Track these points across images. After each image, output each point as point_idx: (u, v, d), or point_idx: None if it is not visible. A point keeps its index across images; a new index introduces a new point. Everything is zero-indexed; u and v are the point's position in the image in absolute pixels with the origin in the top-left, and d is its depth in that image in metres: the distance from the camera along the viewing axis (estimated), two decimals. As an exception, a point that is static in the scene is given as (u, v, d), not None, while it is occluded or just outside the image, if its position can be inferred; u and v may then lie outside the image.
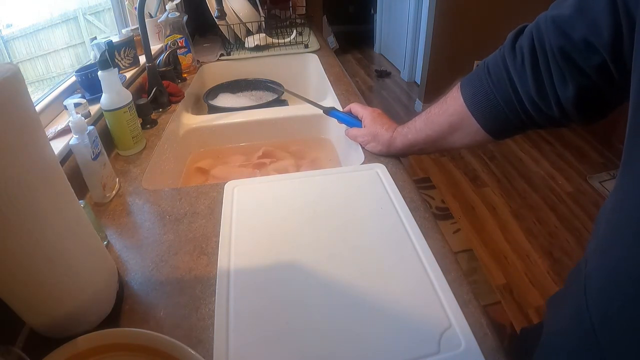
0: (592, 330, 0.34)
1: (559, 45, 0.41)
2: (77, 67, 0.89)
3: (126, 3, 1.23)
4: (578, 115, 0.44)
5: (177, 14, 1.17)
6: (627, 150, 0.33)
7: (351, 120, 0.79)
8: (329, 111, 0.84)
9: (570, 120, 0.46)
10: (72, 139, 0.61)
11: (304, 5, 1.81)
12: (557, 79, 0.43)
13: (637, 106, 0.31)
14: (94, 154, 0.62)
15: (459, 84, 0.57)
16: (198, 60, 1.33)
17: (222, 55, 1.37)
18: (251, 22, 1.40)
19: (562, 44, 0.40)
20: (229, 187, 0.66)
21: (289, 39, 1.45)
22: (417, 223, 0.56)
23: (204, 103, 1.11)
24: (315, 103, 0.90)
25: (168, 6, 1.19)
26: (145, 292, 0.49)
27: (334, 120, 0.85)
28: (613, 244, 0.35)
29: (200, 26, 1.63)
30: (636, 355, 0.31)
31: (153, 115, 0.92)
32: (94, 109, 0.81)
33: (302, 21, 1.65)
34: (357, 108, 0.79)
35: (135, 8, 1.07)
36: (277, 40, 1.43)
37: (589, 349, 0.35)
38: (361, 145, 0.76)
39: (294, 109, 1.01)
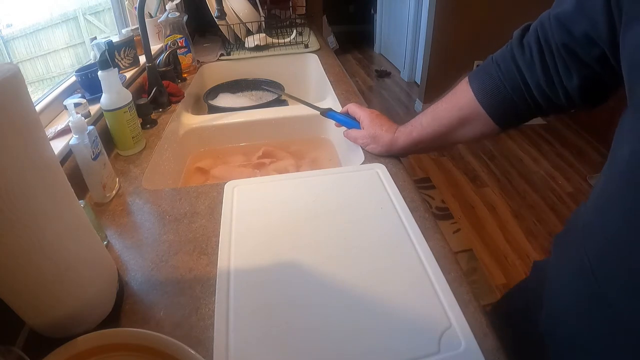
0: (589, 267, 0.40)
1: (562, 41, 0.44)
2: (77, 67, 0.89)
3: (126, 3, 1.24)
4: (583, 102, 0.48)
5: (177, 14, 1.17)
6: (629, 105, 0.36)
7: (349, 122, 0.79)
8: (326, 112, 0.84)
9: (576, 106, 0.50)
10: (72, 139, 0.61)
11: (304, 5, 1.81)
12: (562, 71, 0.47)
13: (629, 90, 0.35)
14: (94, 154, 0.62)
15: (466, 79, 0.59)
16: (198, 60, 1.33)
17: (222, 55, 1.37)
18: (251, 22, 1.40)
19: (566, 40, 0.44)
20: (229, 187, 0.66)
21: (289, 39, 1.45)
22: (417, 223, 0.56)
23: (204, 103, 1.10)
24: (312, 105, 0.89)
25: (168, 6, 1.19)
26: (145, 292, 0.49)
27: (333, 121, 0.85)
28: (611, 193, 0.39)
29: (200, 26, 1.63)
30: (634, 289, 0.35)
31: (153, 115, 0.92)
32: (94, 109, 0.81)
33: (302, 21, 1.65)
34: (354, 109, 0.79)
35: (135, 8, 1.07)
36: (277, 40, 1.43)
37: (587, 284, 0.40)
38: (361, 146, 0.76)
39: (294, 109, 1.01)
